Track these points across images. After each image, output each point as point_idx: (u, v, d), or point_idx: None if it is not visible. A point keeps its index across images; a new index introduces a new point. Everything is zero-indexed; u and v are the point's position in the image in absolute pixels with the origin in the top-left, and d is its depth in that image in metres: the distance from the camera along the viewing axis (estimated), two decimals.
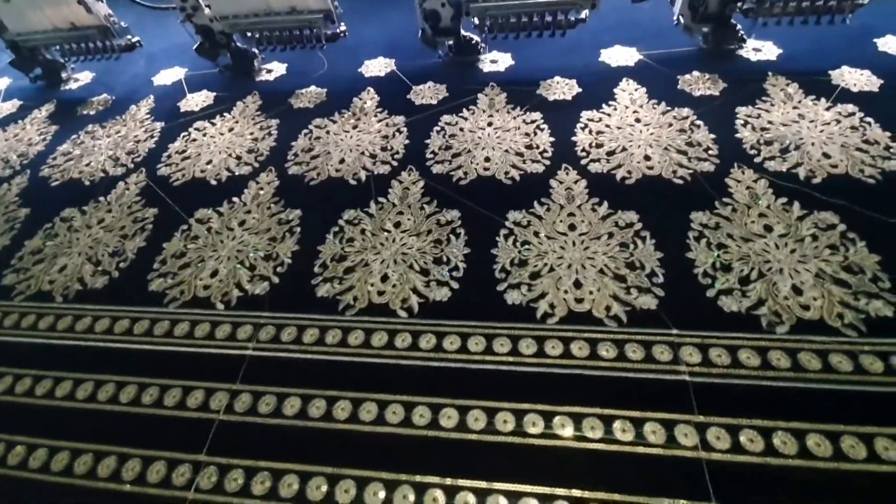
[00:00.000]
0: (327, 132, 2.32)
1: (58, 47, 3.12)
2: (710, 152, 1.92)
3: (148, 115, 2.73)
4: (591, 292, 1.53)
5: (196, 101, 2.76)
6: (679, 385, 1.30)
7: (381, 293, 1.62)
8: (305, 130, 2.35)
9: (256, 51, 2.91)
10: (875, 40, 2.37)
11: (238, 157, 2.27)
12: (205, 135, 2.47)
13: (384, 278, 1.66)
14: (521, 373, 1.38)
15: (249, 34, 2.75)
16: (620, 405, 1.28)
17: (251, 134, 2.40)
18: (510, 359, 1.41)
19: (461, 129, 2.20)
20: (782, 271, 1.50)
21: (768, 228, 1.63)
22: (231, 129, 2.46)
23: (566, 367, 1.37)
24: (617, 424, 1.25)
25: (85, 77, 3.30)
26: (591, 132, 2.10)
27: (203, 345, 1.57)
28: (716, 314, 1.43)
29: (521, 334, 1.46)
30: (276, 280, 1.72)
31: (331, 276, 1.69)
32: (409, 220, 1.84)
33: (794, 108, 2.06)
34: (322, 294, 1.64)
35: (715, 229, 1.65)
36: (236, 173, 2.19)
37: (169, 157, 2.37)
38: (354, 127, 2.32)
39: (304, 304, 1.62)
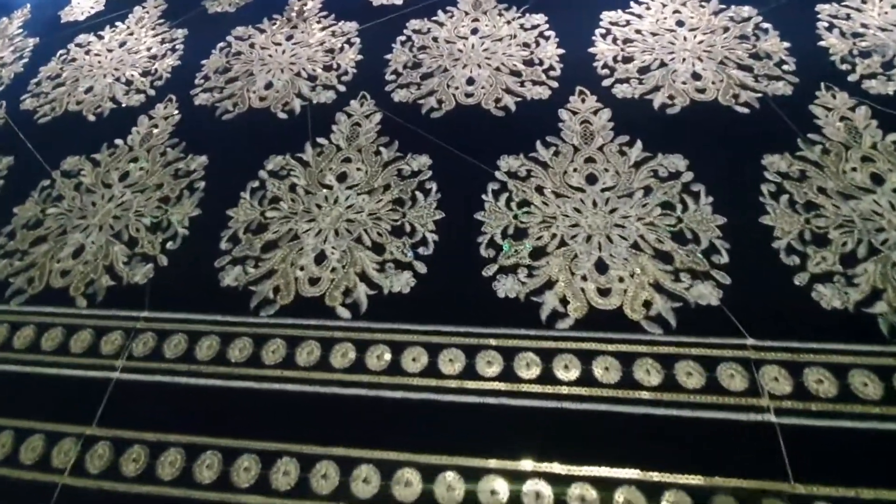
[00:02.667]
0: (251, 46, 1.68)
1: None
2: (784, 68, 1.36)
3: (20, 30, 2.04)
4: (621, 279, 1.03)
5: (83, 7, 2.05)
6: (760, 430, 0.85)
7: (314, 281, 1.10)
8: (222, 44, 1.71)
9: None
10: None
11: (128, 83, 1.65)
12: (88, 53, 1.82)
13: (320, 258, 1.14)
14: (517, 409, 0.91)
15: None
16: (669, 464, 0.82)
17: (148, 50, 1.75)
18: (501, 386, 0.93)
19: (435, 40, 1.59)
20: None
21: (877, 179, 1.12)
22: (123, 45, 1.81)
23: (585, 401, 0.90)
24: (667, 498, 0.80)
25: None
26: (615, 41, 1.50)
27: (51, 363, 1.07)
28: (811, 313, 0.96)
29: (518, 346, 0.97)
30: (163, 261, 1.19)
31: (242, 254, 1.16)
32: (359, 170, 1.29)
33: None
34: (229, 283, 1.12)
35: (800, 181, 1.13)
36: (123, 105, 1.58)
37: (38, 84, 1.74)
38: (289, 38, 1.69)
39: (201, 298, 1.11)
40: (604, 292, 1.02)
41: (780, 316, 0.96)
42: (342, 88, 1.49)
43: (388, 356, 0.98)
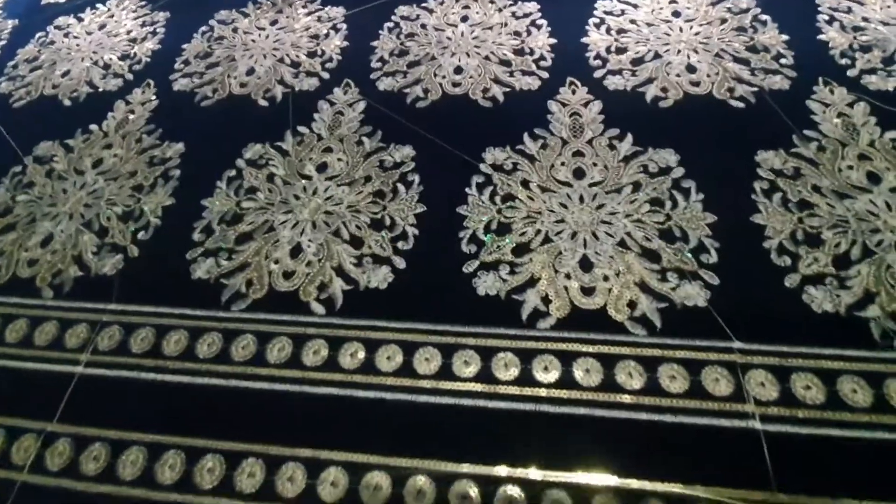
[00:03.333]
0: (234, 31, 1.62)
1: None
2: (782, 62, 1.31)
3: None
4: (605, 278, 0.99)
5: None
6: (744, 437, 0.81)
7: (288, 275, 1.06)
8: (204, 28, 1.65)
9: None
10: None
11: (106, 67, 1.60)
12: (67, 35, 1.76)
13: (296, 251, 1.10)
14: (493, 412, 0.87)
15: None
16: (649, 471, 0.79)
17: (128, 33, 1.69)
18: (477, 387, 0.90)
19: (423, 27, 1.54)
20: None
21: (874, 178, 1.08)
22: (102, 27, 1.75)
23: (564, 404, 0.87)
24: None
25: None
26: (609, 31, 1.45)
27: (14, 355, 1.02)
28: (801, 317, 0.92)
29: (497, 346, 0.94)
30: (134, 252, 1.15)
31: (216, 246, 1.12)
32: (339, 160, 1.24)
33: None
34: (200, 275, 1.08)
35: (794, 179, 1.09)
36: (101, 89, 1.53)
37: (15, 67, 1.68)
38: (273, 23, 1.63)
39: (171, 291, 1.07)
40: (587, 291, 0.98)
41: (768, 319, 0.93)
42: (326, 76, 1.44)
43: (361, 354, 0.95)
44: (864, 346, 0.88)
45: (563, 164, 1.18)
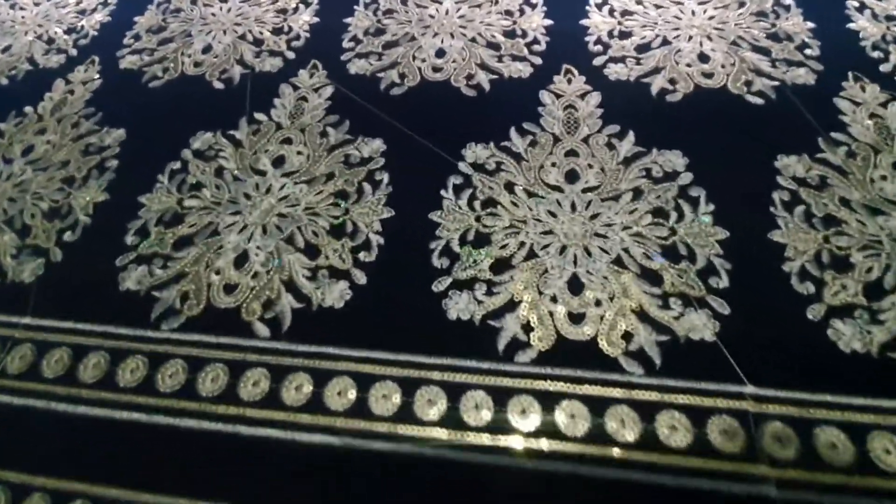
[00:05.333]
0: (193, 2, 1.45)
1: None
2: (807, 52, 1.15)
3: None
4: (598, 302, 0.85)
5: None
6: None
7: (230, 289, 0.92)
8: None
9: None
10: None
11: (50, 41, 1.42)
12: (14, 7, 1.58)
13: (241, 260, 0.95)
14: (458, 465, 0.74)
15: None
16: None
17: (77, 3, 1.52)
18: (442, 433, 0.76)
19: (404, 2, 1.36)
20: None
21: None
22: None
23: (543, 458, 0.73)
24: None
25: None
26: (612, 13, 1.28)
27: None
28: (826, 357, 0.78)
29: (467, 381, 0.80)
30: (57, 255, 1.00)
31: (151, 251, 0.97)
32: (299, 154, 1.09)
33: None
34: (129, 286, 0.93)
35: (819, 190, 0.94)
36: (41, 66, 1.36)
37: None
38: None
39: (94, 304, 0.92)
40: (576, 318, 0.84)
41: (787, 358, 0.79)
42: (291, 55, 1.27)
43: (308, 388, 0.81)
44: None
45: (553, 164, 1.02)
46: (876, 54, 1.15)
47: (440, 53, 1.24)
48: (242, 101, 1.19)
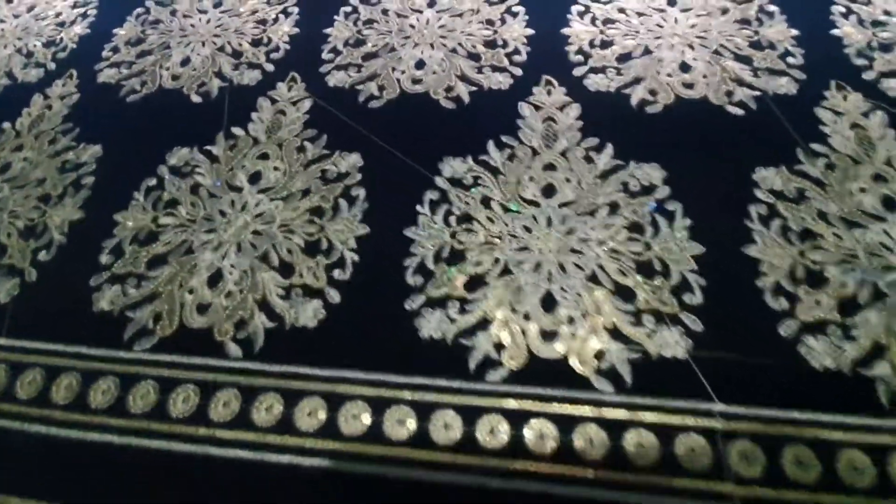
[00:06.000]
0: (173, 13, 1.44)
1: None
2: (790, 60, 1.15)
3: None
4: (570, 320, 0.85)
5: None
6: None
7: (203, 308, 0.92)
8: (139, 10, 1.47)
9: None
10: None
11: (29, 55, 1.42)
12: None
13: (215, 279, 0.95)
14: (426, 485, 0.74)
15: None
16: None
17: (57, 16, 1.51)
18: (411, 453, 0.76)
19: (384, 13, 1.36)
20: None
21: (890, 204, 0.93)
22: (31, 9, 1.56)
23: (511, 477, 0.73)
24: None
25: None
26: (594, 21, 1.28)
27: None
28: (796, 373, 0.78)
29: (437, 401, 0.80)
30: (32, 275, 0.99)
31: (125, 270, 0.97)
32: (276, 169, 1.08)
33: None
34: (103, 306, 0.93)
35: (797, 203, 0.94)
36: (19, 80, 1.36)
37: None
38: (217, 4, 1.45)
39: (68, 324, 0.92)
40: (548, 336, 0.84)
41: (758, 375, 0.78)
42: (270, 68, 1.27)
43: (278, 408, 0.81)
44: (869, 413, 0.74)
45: (531, 178, 1.02)
46: (860, 62, 1.14)
47: (420, 65, 1.23)
48: (220, 115, 1.18)
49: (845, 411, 0.75)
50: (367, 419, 0.79)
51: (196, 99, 1.23)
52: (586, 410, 0.77)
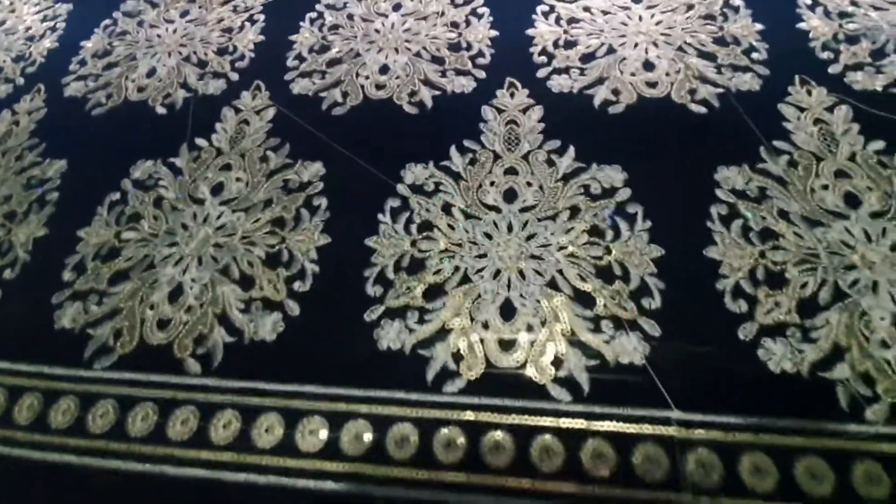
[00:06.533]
0: (140, 24, 1.43)
1: None
2: (754, 56, 1.13)
3: None
4: (529, 327, 0.84)
5: None
6: None
7: (163, 324, 0.91)
8: (107, 21, 1.46)
9: None
10: None
11: None
12: None
13: (175, 294, 0.94)
14: (384, 501, 0.73)
15: None
16: None
17: (27, 30, 1.51)
18: (367, 469, 0.76)
19: (350, 18, 1.34)
20: (877, 288, 0.82)
21: (852, 200, 0.92)
22: (1, 24, 1.56)
23: (465, 490, 0.73)
24: None
25: None
26: (559, 21, 1.26)
27: None
28: (755, 378, 0.77)
29: (394, 414, 0.79)
30: None
31: (87, 287, 0.97)
32: (238, 180, 1.07)
33: None
34: (65, 324, 0.93)
35: (758, 202, 0.93)
36: None
37: None
38: (184, 14, 1.44)
39: (30, 343, 0.92)
40: (506, 345, 0.83)
41: (716, 380, 0.78)
42: (235, 77, 1.26)
43: (235, 425, 0.80)
44: (829, 417, 0.74)
45: (492, 183, 1.01)
46: (825, 55, 1.13)
47: (384, 70, 1.22)
48: (184, 126, 1.18)
49: (804, 416, 0.74)
50: (324, 434, 0.78)
51: (161, 110, 1.22)
52: (544, 421, 0.77)
